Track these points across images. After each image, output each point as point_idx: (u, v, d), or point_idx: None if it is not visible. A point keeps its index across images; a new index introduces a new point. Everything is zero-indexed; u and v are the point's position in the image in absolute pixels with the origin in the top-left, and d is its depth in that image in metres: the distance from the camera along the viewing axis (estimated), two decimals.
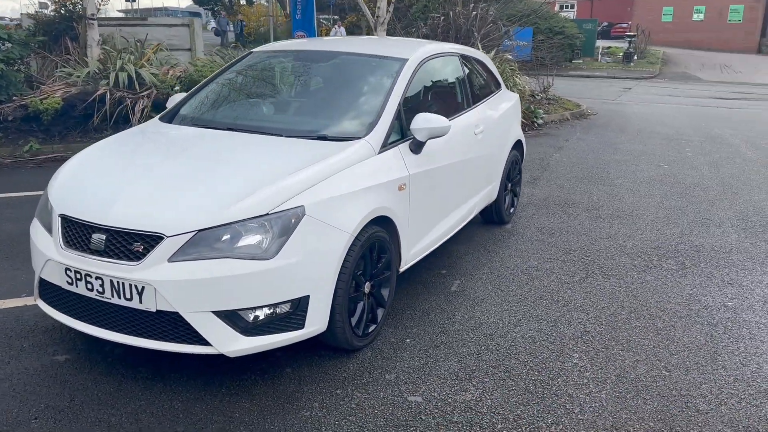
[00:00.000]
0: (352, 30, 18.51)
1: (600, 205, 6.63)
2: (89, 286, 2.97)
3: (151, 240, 2.89)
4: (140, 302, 2.88)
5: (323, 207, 3.11)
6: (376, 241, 3.43)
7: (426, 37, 14.28)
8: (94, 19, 9.85)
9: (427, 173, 3.94)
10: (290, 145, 3.56)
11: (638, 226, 5.96)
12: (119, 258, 2.92)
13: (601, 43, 31.30)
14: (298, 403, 3.02)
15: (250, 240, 2.93)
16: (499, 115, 5.28)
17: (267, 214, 2.97)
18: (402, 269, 3.87)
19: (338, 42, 4.89)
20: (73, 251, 3.03)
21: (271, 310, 2.97)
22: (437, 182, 4.11)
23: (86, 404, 2.96)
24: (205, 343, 2.90)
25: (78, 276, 2.99)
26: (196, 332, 2.88)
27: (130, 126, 8.29)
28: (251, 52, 4.75)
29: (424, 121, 3.76)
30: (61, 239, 3.08)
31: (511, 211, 5.90)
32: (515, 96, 5.99)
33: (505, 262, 4.90)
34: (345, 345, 3.35)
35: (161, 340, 2.95)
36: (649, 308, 4.19)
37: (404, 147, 3.79)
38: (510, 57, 12.92)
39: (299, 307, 3.03)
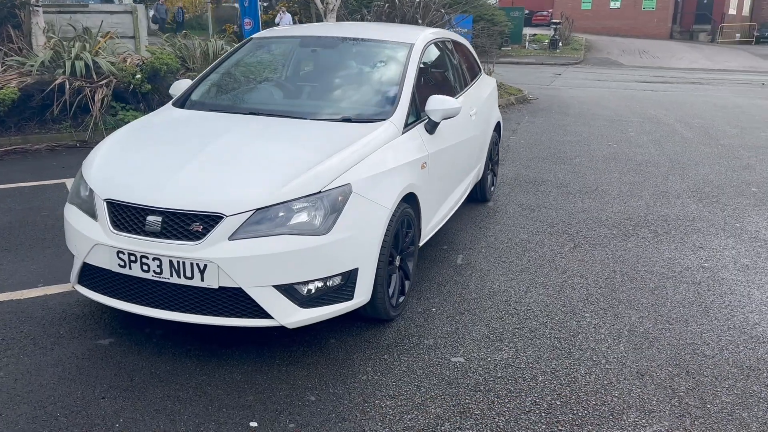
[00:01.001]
0: (302, 17, 18.47)
1: (567, 182, 7.05)
2: (145, 267, 3.05)
3: (210, 220, 2.99)
4: (202, 280, 2.99)
5: (366, 184, 3.29)
6: (405, 216, 3.63)
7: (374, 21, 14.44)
8: (39, 6, 9.50)
9: (440, 152, 4.17)
10: (320, 127, 3.71)
11: (606, 200, 6.40)
12: (178, 238, 3.01)
13: (527, 31, 32.29)
14: (352, 369, 3.20)
15: (305, 217, 3.08)
16: (485, 98, 5.57)
17: (319, 192, 3.12)
18: (421, 244, 4.09)
19: (338, 27, 5.02)
20: (125, 234, 3.08)
21: (325, 283, 3.13)
22: (446, 161, 4.35)
23: (148, 382, 3.04)
24: (267, 316, 3.04)
25: (132, 258, 3.06)
26: (259, 306, 3.01)
27: (91, 116, 8.16)
28: (251, 39, 4.82)
29: (438, 103, 3.98)
30: (109, 223, 3.13)
31: (492, 189, 6.22)
32: (493, 80, 6.31)
33: (498, 237, 5.20)
34: (383, 315, 3.55)
35: (222, 316, 3.06)
36: (638, 271, 4.59)
37: (420, 128, 4.00)
38: None
39: (349, 280, 3.21)
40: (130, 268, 3.08)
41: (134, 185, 3.18)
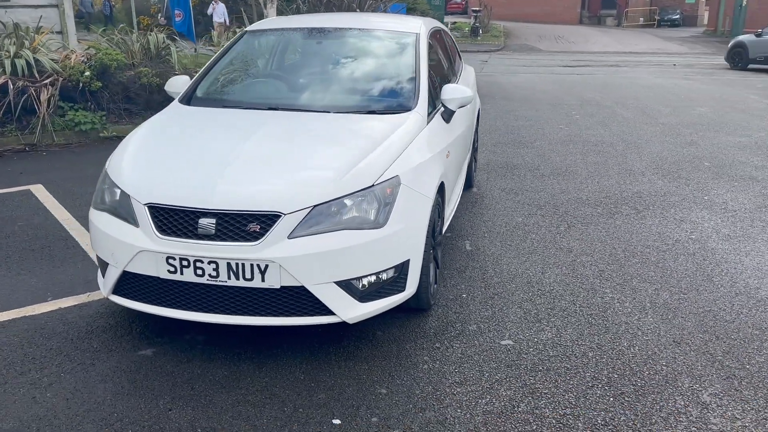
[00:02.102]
0: (237, 7, 17.93)
1: (536, 165, 7.27)
2: (199, 271, 2.95)
3: (267, 219, 2.93)
4: (263, 281, 2.92)
5: (412, 176, 3.30)
6: (437, 205, 3.68)
7: (309, 12, 14.29)
8: None
9: (455, 141, 4.23)
10: (350, 120, 3.68)
11: (579, 180, 6.66)
12: (234, 240, 2.92)
13: (447, 19, 32.76)
14: (410, 359, 3.22)
15: (361, 211, 3.06)
16: (471, 84, 5.66)
17: (372, 185, 3.11)
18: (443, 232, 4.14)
19: (333, 18, 4.94)
20: (174, 239, 2.97)
21: (382, 276, 3.13)
22: (458, 150, 4.41)
23: (211, 389, 2.96)
24: (329, 312, 3.01)
25: (185, 263, 2.95)
26: (321, 303, 2.98)
27: (38, 117, 7.70)
28: (246, 32, 4.70)
29: (454, 92, 4.03)
30: (154, 229, 3.00)
31: (474, 175, 6.34)
32: (471, 67, 6.41)
33: (495, 221, 5.33)
34: (424, 305, 3.58)
35: (283, 316, 3.01)
36: (636, 246, 4.82)
37: (438, 117, 4.04)
38: None
39: (402, 271, 3.22)
40: (181, 273, 2.97)
41: (179, 188, 3.06)
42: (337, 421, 2.74)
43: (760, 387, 3.04)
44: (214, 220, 2.94)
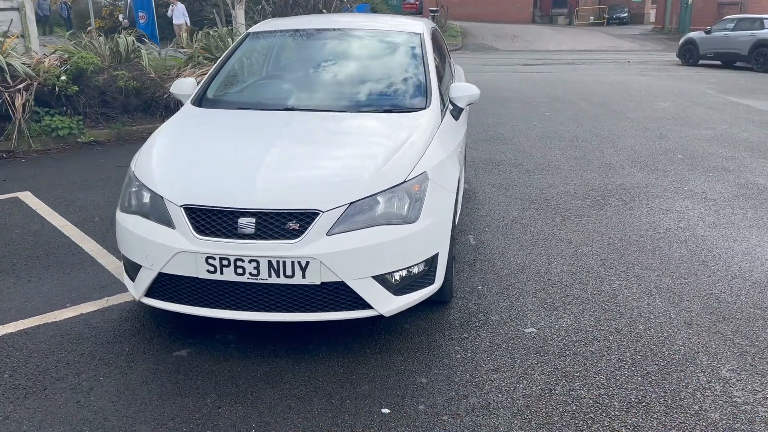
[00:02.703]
0: (201, 7, 17.71)
1: (519, 161, 7.47)
2: (240, 270, 2.99)
3: (306, 217, 2.99)
4: (303, 277, 2.98)
5: (436, 171, 3.41)
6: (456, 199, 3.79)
7: (274, 13, 14.27)
8: None
9: (463, 137, 4.35)
10: (369, 119, 3.76)
11: (563, 174, 6.87)
12: (275, 238, 2.97)
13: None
14: (442, 349, 3.33)
15: (394, 207, 3.15)
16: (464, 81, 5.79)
17: (404, 181, 3.20)
18: None
19: (336, 19, 4.98)
20: (213, 239, 3.00)
21: (414, 270, 3.23)
22: (463, 146, 4.54)
23: (255, 386, 3.00)
24: (367, 306, 3.09)
25: (225, 262, 2.99)
26: (360, 298, 3.06)
27: (13, 123, 7.52)
28: (249, 34, 4.72)
29: (462, 90, 4.16)
30: (192, 230, 3.03)
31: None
32: (459, 66, 6.55)
33: (493, 216, 5.47)
34: (447, 297, 3.69)
35: (322, 311, 3.07)
36: (630, 235, 5.03)
37: (448, 114, 4.15)
38: None
39: (432, 265, 3.32)
40: (221, 272, 3.01)
41: (216, 189, 3.10)
42: (386, 410, 2.82)
43: None
44: (253, 220, 2.98)
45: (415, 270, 3.24)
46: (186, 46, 10.93)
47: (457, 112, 4.19)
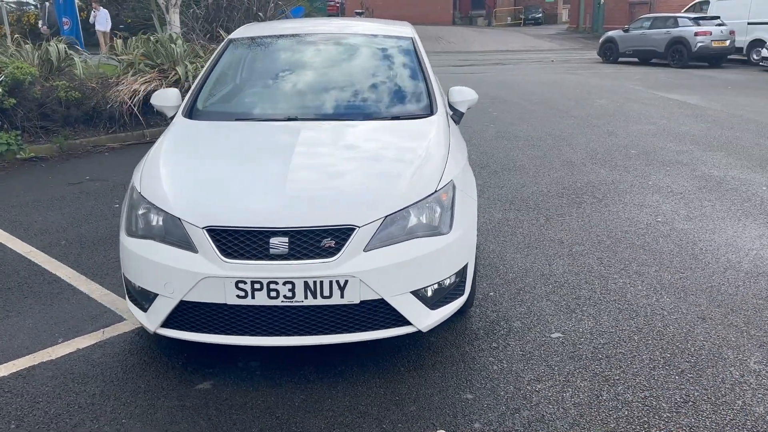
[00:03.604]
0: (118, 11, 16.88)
1: (484, 162, 7.50)
2: (273, 293, 2.80)
3: (341, 233, 2.84)
4: (342, 297, 2.83)
5: (461, 179, 3.33)
6: None
7: (206, 17, 13.85)
8: None
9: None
10: (380, 127, 3.63)
11: (531, 174, 6.95)
12: (310, 257, 2.81)
13: None
14: (476, 362, 3.24)
15: (427, 219, 3.04)
16: None
17: (435, 191, 3.10)
18: None
19: (322, 24, 4.79)
20: (243, 262, 2.80)
21: (446, 282, 3.13)
22: None
23: (296, 415, 2.82)
24: (406, 323, 2.97)
25: (257, 286, 2.79)
26: (400, 315, 2.93)
27: None
28: (230, 40, 4.49)
29: (462, 94, 4.11)
30: (218, 253, 2.82)
31: None
32: None
33: (478, 218, 5.43)
34: (468, 306, 3.61)
35: (362, 331, 2.93)
36: (616, 232, 5.12)
37: (450, 119, 4.08)
38: None
39: (462, 276, 3.23)
40: (253, 297, 2.81)
41: (242, 209, 2.89)
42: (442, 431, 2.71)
43: None
44: (286, 239, 2.80)
45: (448, 282, 3.14)
46: (121, 52, 10.40)
47: (458, 117, 4.13)
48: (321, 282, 2.79)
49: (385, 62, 4.26)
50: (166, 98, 4.10)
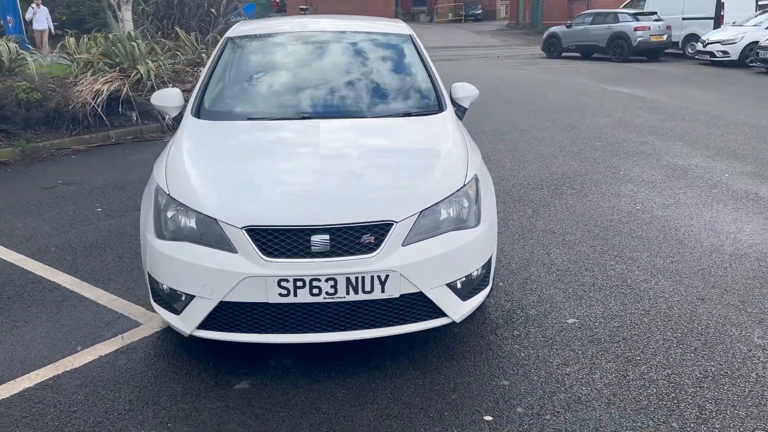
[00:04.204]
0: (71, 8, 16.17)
1: None
2: (315, 290, 2.83)
3: (380, 229, 2.89)
4: (382, 291, 2.88)
5: (482, 173, 3.43)
6: None
7: (156, 13, 13.55)
8: None
9: None
10: (395, 123, 3.69)
11: (508, 167, 7.13)
12: (351, 254, 2.85)
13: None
14: (503, 349, 3.35)
15: (458, 212, 3.12)
16: None
17: (464, 185, 3.18)
18: None
19: (321, 22, 4.73)
20: (285, 260, 2.82)
21: (475, 273, 3.21)
22: None
23: (342, 409, 2.86)
24: (442, 314, 3.04)
25: (299, 284, 2.82)
26: (436, 307, 3.00)
27: None
28: (229, 38, 4.44)
29: (465, 90, 4.21)
30: (259, 252, 2.82)
31: None
32: None
33: None
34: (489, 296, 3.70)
35: (401, 324, 2.99)
36: (602, 221, 5.33)
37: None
38: None
39: (488, 267, 3.33)
40: (295, 295, 2.83)
41: (280, 208, 2.90)
42: (488, 418, 2.80)
43: None
44: (327, 236, 2.83)
45: (476, 273, 3.22)
46: (74, 51, 10.06)
47: (462, 113, 4.22)
48: (363, 277, 2.83)
49: (390, 59, 4.31)
50: (169, 98, 4.04)
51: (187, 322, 2.98)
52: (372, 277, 2.84)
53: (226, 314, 2.91)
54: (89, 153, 7.89)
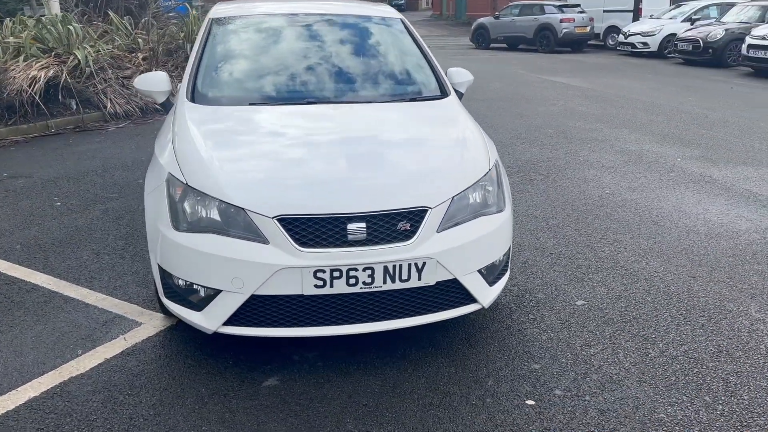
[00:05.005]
0: None
1: None
2: (352, 280, 2.73)
3: (415, 215, 2.82)
4: (419, 279, 2.81)
5: (498, 157, 3.41)
6: None
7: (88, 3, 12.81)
8: None
9: None
10: (405, 109, 3.63)
11: None
12: (387, 242, 2.77)
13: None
14: (524, 334, 3.36)
15: (487, 197, 3.09)
16: None
17: (489, 170, 3.16)
18: None
19: (309, 4, 4.52)
20: (321, 250, 2.70)
21: (501, 258, 3.20)
22: None
23: (382, 401, 2.78)
24: (473, 301, 3.01)
25: (336, 274, 2.71)
26: (468, 293, 2.97)
27: None
28: (213, 19, 4.21)
29: (460, 75, 4.19)
30: (293, 242, 2.70)
31: None
32: None
33: None
34: None
35: (435, 312, 2.94)
36: (577, 205, 5.44)
37: None
38: None
39: (508, 252, 3.32)
40: (331, 285, 2.72)
41: (314, 195, 2.77)
42: (531, 402, 2.79)
43: None
44: (363, 224, 2.73)
45: (501, 257, 3.20)
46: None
47: (459, 98, 4.18)
48: (400, 265, 2.76)
49: (388, 44, 4.21)
50: (156, 82, 3.80)
51: (211, 319, 2.81)
52: (409, 265, 2.77)
53: (256, 308, 2.77)
54: (30, 144, 7.35)
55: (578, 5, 20.95)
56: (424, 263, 2.79)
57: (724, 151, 7.38)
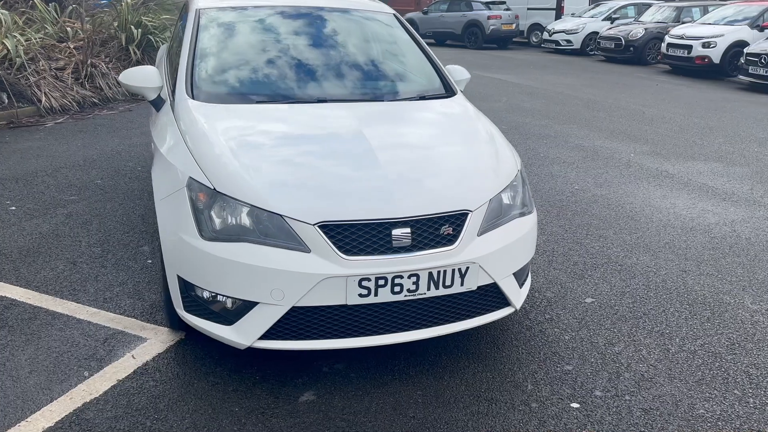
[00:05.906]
0: None
1: None
2: (397, 288, 2.63)
3: (456, 219, 2.75)
4: (462, 284, 2.74)
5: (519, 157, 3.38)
6: None
7: None
8: None
9: None
10: (418, 107, 3.53)
11: None
12: (431, 247, 2.68)
13: None
14: (546, 335, 3.35)
15: (517, 199, 3.05)
16: None
17: (519, 171, 3.12)
18: None
19: None
20: (366, 257, 2.58)
21: (530, 259, 3.17)
22: None
23: (429, 412, 2.69)
24: (508, 304, 2.97)
25: (381, 282, 2.60)
26: (504, 296, 2.92)
27: None
28: (198, 10, 3.95)
29: (458, 73, 4.13)
30: (336, 250, 2.56)
31: None
32: None
33: None
34: None
35: (474, 317, 2.88)
36: (553, 201, 5.52)
37: None
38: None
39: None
40: (376, 294, 2.60)
41: (357, 201, 2.64)
42: (575, 405, 2.78)
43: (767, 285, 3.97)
44: (408, 229, 2.63)
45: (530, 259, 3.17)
46: None
47: None
48: (444, 271, 2.67)
49: (388, 40, 4.09)
50: (145, 77, 3.52)
51: (245, 333, 2.62)
52: (453, 271, 2.69)
53: (295, 321, 2.61)
54: None
55: (504, 2, 21.39)
56: (468, 268, 2.71)
57: (671, 147, 7.71)
